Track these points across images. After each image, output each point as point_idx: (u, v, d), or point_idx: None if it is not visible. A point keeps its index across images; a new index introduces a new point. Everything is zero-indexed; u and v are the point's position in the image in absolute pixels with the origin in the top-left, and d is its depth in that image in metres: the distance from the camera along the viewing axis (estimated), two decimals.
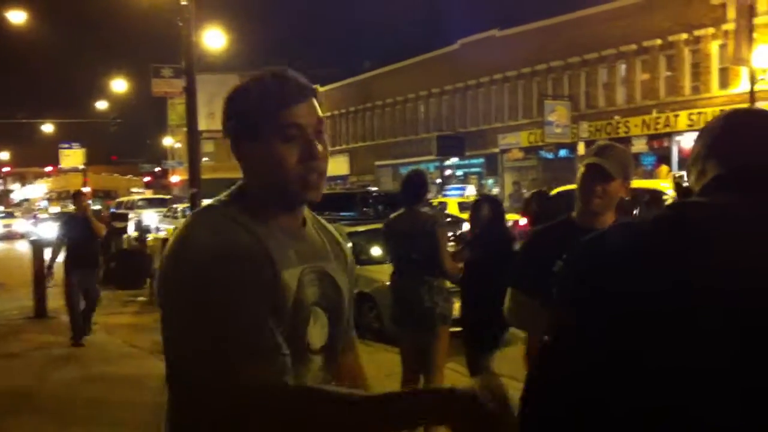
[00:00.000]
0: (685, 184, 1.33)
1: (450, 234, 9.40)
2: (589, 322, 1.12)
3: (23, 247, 25.65)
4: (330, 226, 1.76)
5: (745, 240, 1.08)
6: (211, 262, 1.38)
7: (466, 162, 38.96)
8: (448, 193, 30.73)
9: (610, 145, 2.94)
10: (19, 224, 41.46)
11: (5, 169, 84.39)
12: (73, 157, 48.66)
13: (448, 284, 5.46)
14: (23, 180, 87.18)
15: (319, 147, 1.53)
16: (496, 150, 36.88)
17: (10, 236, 38.90)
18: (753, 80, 20.41)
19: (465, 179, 38.52)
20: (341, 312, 1.65)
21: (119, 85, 38.98)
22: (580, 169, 2.88)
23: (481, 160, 38.29)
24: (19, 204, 66.26)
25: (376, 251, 9.98)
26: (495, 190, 35.75)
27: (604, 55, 31.32)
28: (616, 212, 2.86)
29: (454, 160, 38.75)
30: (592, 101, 32.34)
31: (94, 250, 9.75)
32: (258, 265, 1.43)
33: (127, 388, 7.17)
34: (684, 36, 28.12)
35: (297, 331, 1.50)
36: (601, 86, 32.08)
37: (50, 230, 18.21)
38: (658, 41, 29.03)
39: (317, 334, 1.57)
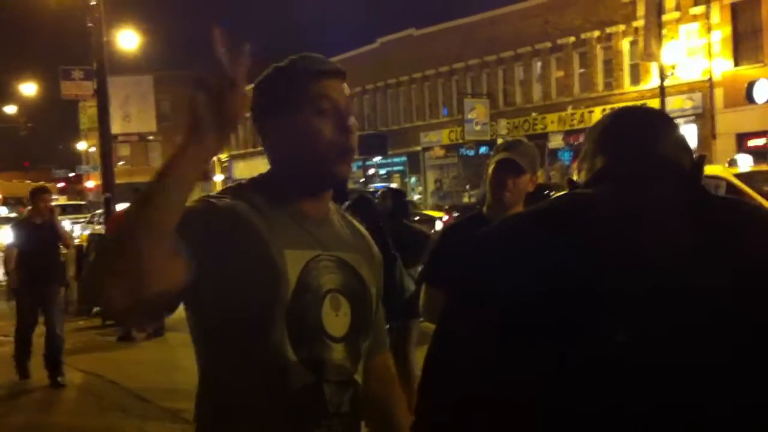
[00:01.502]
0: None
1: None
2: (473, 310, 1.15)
3: None
4: (357, 224, 1.77)
5: (611, 225, 1.14)
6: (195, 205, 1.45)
7: (389, 160, 39.14)
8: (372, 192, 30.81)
9: (519, 141, 3.02)
10: None
11: None
12: None
13: None
14: None
15: (352, 120, 1.55)
16: (419, 148, 37.18)
17: None
18: (663, 76, 21.09)
19: (388, 178, 38.70)
20: (365, 302, 1.63)
21: (29, 88, 37.67)
22: (491, 166, 2.93)
23: (404, 158, 38.54)
24: None
25: None
26: (420, 188, 36.12)
27: (519, 53, 31.92)
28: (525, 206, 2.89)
29: (377, 158, 38.88)
30: (510, 98, 32.91)
31: (57, 265, 8.08)
32: (244, 227, 1.44)
33: (39, 394, 7.26)
34: (596, 33, 28.90)
35: (304, 312, 1.49)
36: (518, 84, 32.68)
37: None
38: (572, 39, 29.75)
39: (339, 322, 1.55)
